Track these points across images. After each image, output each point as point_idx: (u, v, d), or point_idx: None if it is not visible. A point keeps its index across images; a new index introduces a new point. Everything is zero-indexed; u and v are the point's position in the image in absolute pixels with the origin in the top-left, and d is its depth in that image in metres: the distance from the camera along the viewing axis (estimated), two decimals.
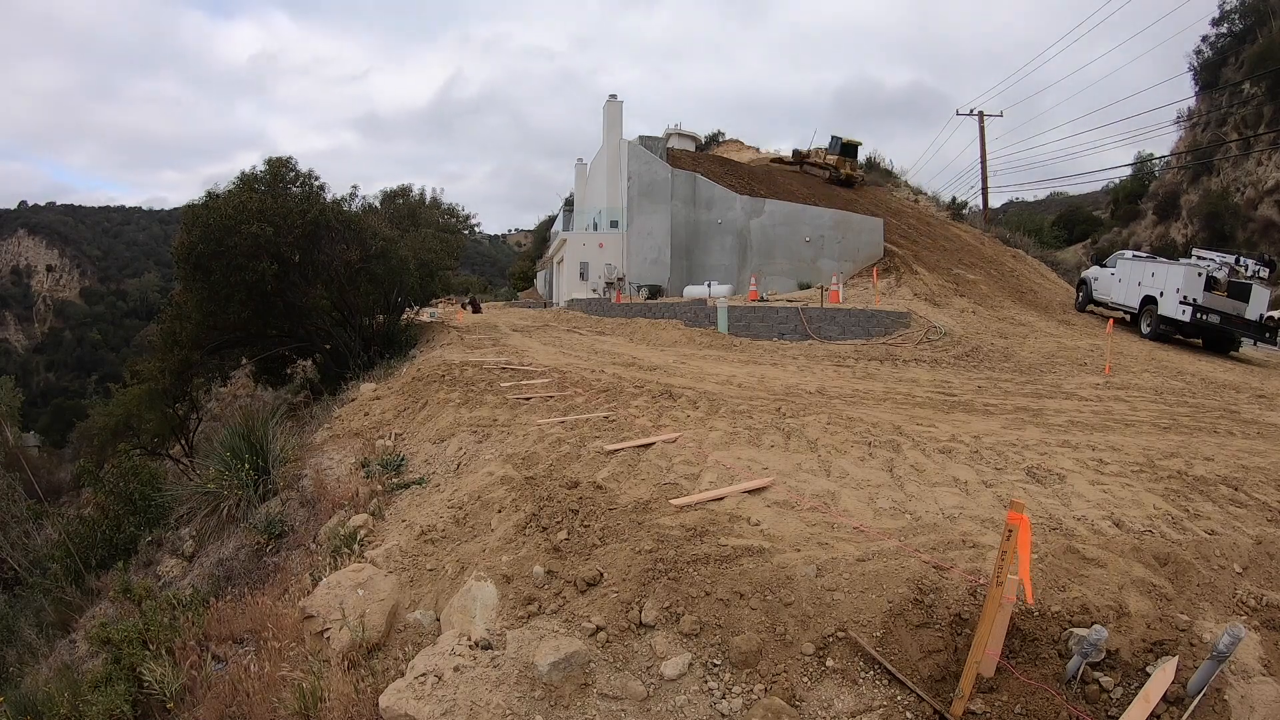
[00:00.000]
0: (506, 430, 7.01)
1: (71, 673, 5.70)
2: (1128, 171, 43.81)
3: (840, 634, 3.16)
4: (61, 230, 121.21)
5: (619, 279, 26.96)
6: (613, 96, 30.28)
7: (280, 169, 15.38)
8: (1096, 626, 2.87)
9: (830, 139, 33.59)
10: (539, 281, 44.35)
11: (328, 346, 16.84)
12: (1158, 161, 42.36)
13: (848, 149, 32.97)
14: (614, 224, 29.25)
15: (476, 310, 25.85)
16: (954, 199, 37.41)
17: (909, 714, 2.87)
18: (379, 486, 6.44)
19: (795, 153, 35.14)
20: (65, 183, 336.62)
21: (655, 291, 26.17)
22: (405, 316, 19.42)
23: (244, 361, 20.03)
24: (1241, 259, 17.97)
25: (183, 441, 18.27)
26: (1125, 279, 19.58)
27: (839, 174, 32.57)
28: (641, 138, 29.64)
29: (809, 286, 23.49)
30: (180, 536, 8.75)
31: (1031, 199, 57.85)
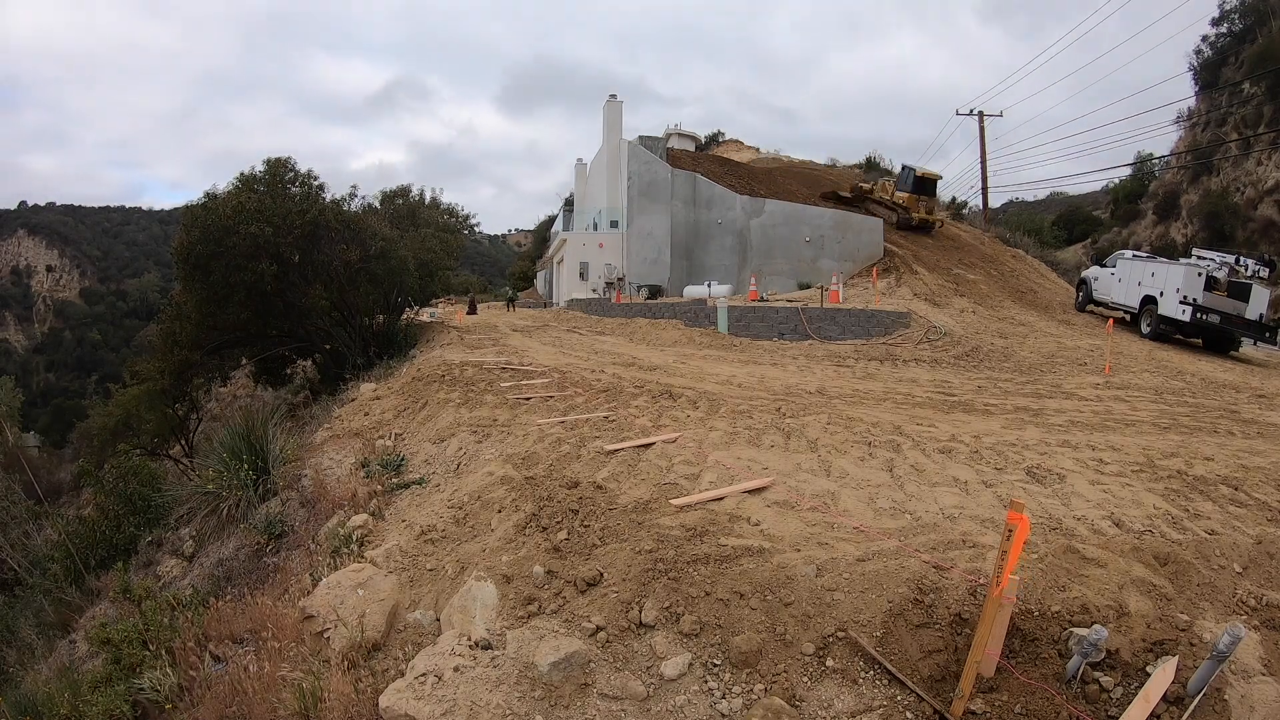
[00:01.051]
0: (506, 430, 7.01)
1: (71, 673, 5.71)
2: (1128, 171, 43.80)
3: (840, 634, 3.16)
4: (61, 230, 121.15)
5: (619, 279, 26.94)
6: (613, 96, 30.25)
7: (279, 169, 15.37)
8: (1096, 626, 2.86)
9: (901, 169, 25.85)
10: (539, 281, 44.37)
11: (327, 347, 16.85)
12: (1157, 161, 42.35)
13: (922, 184, 24.46)
14: (614, 224, 29.23)
15: (472, 311, 25.79)
16: (954, 199, 37.49)
17: (909, 714, 2.87)
18: (379, 486, 6.44)
19: (856, 188, 27.75)
20: (138, 183, 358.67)
21: (655, 291, 26.16)
22: (405, 317, 19.41)
23: (244, 361, 20.03)
24: (1241, 259, 17.97)
25: (183, 441, 18.29)
26: (1125, 279, 19.57)
27: (909, 217, 24.42)
28: (641, 137, 29.59)
29: (809, 286, 23.47)
30: (180, 537, 8.76)
31: (1031, 199, 57.82)
